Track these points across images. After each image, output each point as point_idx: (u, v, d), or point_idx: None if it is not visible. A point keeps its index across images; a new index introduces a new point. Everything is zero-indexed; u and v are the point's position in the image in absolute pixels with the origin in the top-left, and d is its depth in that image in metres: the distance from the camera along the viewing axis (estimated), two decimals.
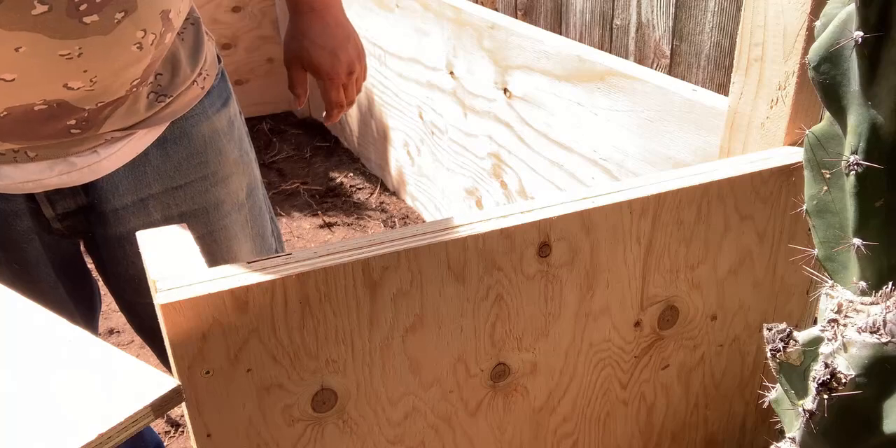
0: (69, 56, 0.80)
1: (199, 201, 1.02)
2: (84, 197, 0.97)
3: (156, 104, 0.93)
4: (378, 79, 2.53)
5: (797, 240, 0.93)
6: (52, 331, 0.68)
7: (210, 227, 1.04)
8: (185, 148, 0.99)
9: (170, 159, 0.99)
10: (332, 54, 1.10)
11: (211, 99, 1.03)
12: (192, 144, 1.00)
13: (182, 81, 0.96)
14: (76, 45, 0.80)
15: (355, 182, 2.81)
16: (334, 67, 1.11)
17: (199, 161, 1.01)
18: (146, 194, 0.98)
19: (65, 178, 0.93)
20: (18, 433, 0.58)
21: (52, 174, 0.91)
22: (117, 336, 2.08)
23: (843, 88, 0.61)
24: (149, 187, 0.98)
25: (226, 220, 1.06)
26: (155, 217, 1.00)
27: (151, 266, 0.70)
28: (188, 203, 1.01)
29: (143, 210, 0.99)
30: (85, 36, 0.79)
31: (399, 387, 0.79)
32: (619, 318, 0.87)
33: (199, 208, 1.02)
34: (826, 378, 0.61)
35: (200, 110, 1.01)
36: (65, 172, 0.92)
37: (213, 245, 1.05)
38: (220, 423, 0.73)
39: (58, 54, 0.79)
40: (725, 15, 1.37)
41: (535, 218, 0.77)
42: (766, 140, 0.95)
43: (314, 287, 0.70)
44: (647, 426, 0.98)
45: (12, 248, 0.98)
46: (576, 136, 1.56)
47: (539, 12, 1.90)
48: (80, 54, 0.81)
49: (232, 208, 1.07)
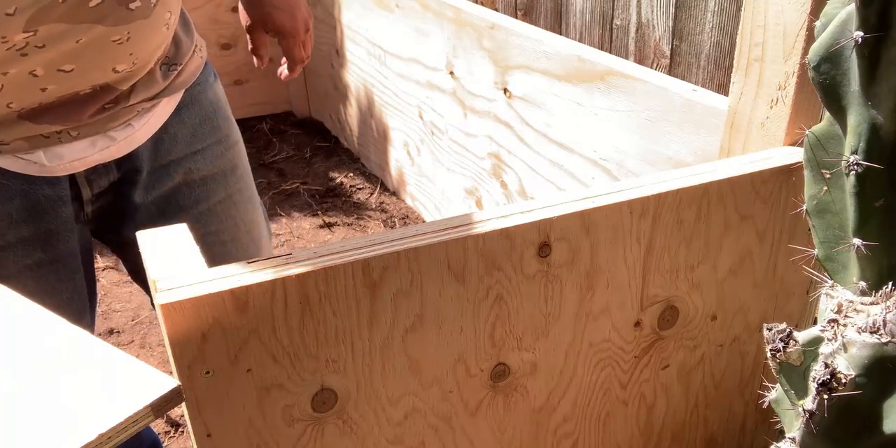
0: (119, 41, 0.87)
1: (217, 165, 1.08)
2: (116, 172, 1.01)
3: (169, 73, 0.99)
4: (378, 79, 2.53)
5: (797, 240, 0.93)
6: (52, 331, 0.68)
7: (228, 190, 1.10)
8: (197, 113, 1.06)
9: (186, 125, 1.04)
10: (290, 15, 1.17)
11: (207, 69, 1.10)
12: (203, 110, 1.07)
13: (185, 51, 1.02)
14: (125, 31, 0.86)
15: (355, 182, 2.81)
16: (294, 27, 1.18)
17: (212, 126, 1.08)
18: (167, 160, 1.03)
19: (105, 153, 0.97)
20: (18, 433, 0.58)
21: (95, 150, 0.95)
22: (117, 336, 2.08)
23: (843, 88, 0.61)
24: (169, 153, 1.03)
25: (240, 183, 1.12)
26: (177, 180, 1.05)
27: (151, 266, 0.70)
28: (208, 167, 1.07)
29: (165, 175, 1.04)
30: (131, 21, 0.86)
31: (399, 387, 0.79)
32: (619, 319, 0.87)
33: (218, 172, 1.09)
34: (826, 378, 0.61)
35: (203, 78, 1.07)
36: (105, 147, 0.96)
37: (233, 208, 1.11)
38: (220, 423, 0.73)
39: (111, 40, 0.86)
40: (725, 15, 1.37)
41: (535, 218, 0.77)
42: (766, 140, 0.95)
43: (314, 287, 0.70)
44: (647, 426, 0.98)
45: (55, 241, 0.99)
46: (576, 136, 1.56)
47: (539, 12, 1.90)
48: (128, 39, 0.87)
49: (244, 172, 1.14)
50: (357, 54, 2.65)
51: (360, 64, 2.64)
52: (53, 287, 0.99)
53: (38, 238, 0.97)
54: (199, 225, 1.06)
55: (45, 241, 0.97)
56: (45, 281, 0.98)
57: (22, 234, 0.95)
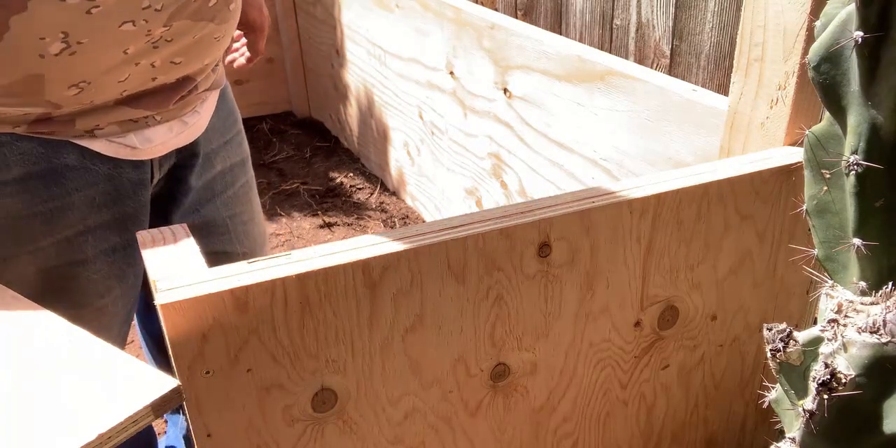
0: (218, 38, 0.95)
1: (240, 152, 1.17)
2: (174, 157, 1.05)
3: (217, 67, 1.05)
4: (378, 79, 2.53)
5: (797, 240, 0.93)
6: (52, 331, 0.68)
7: (247, 175, 1.19)
8: (225, 107, 1.13)
9: (219, 117, 1.11)
10: (259, 10, 1.24)
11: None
12: (227, 104, 1.14)
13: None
14: (224, 29, 0.95)
15: (355, 182, 2.81)
16: (262, 22, 1.25)
17: (234, 118, 1.16)
18: (209, 149, 1.09)
19: (181, 138, 1.01)
20: (18, 433, 0.58)
21: (173, 135, 1.00)
22: None
23: (843, 88, 0.61)
24: (210, 143, 1.09)
25: (251, 170, 1.23)
26: (217, 169, 1.11)
27: (152, 266, 0.70)
28: (234, 155, 1.15)
29: (209, 163, 1.10)
30: (229, 20, 0.95)
31: (399, 387, 0.79)
32: (619, 318, 0.87)
33: (240, 159, 1.17)
34: (826, 378, 0.61)
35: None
36: (181, 132, 1.01)
37: (251, 192, 1.20)
38: (220, 423, 0.73)
39: (213, 37, 0.93)
40: (725, 15, 1.37)
41: (535, 218, 0.77)
42: (766, 140, 0.95)
43: (314, 287, 0.70)
44: (647, 426, 0.98)
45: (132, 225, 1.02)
46: (576, 136, 1.56)
47: (539, 12, 1.90)
48: (224, 36, 0.96)
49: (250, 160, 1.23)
50: (357, 54, 2.65)
51: (360, 64, 2.64)
52: (124, 271, 1.02)
53: (116, 222, 0.99)
54: (226, 208, 1.14)
55: (122, 224, 1.00)
56: (117, 265, 1.01)
57: (103, 219, 0.97)
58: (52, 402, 0.60)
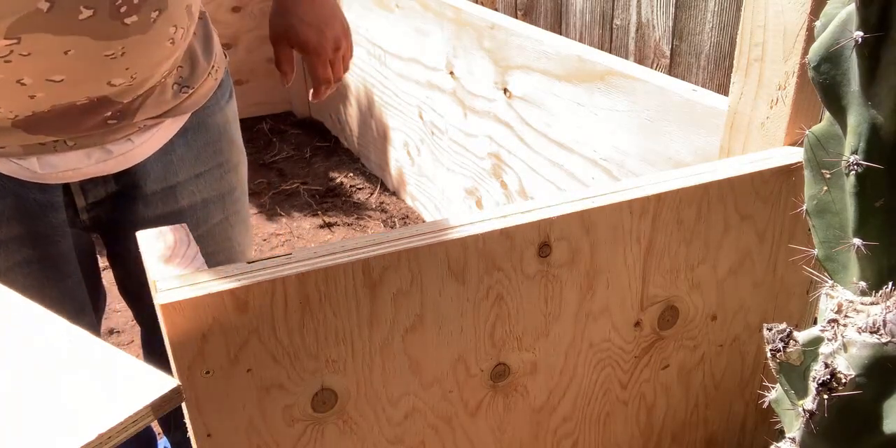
0: (113, 56, 0.84)
1: (216, 187, 1.08)
2: (114, 184, 1.01)
3: (180, 95, 0.98)
4: (378, 79, 2.53)
5: (797, 240, 0.93)
6: (51, 331, 0.68)
7: (226, 212, 1.10)
8: (203, 137, 1.05)
9: (191, 148, 1.04)
10: (318, 31, 1.11)
11: (222, 90, 1.08)
12: (209, 134, 1.05)
13: (200, 74, 1.01)
14: (119, 46, 0.84)
15: (355, 182, 2.81)
16: (321, 44, 1.12)
17: (215, 149, 1.07)
18: (174, 182, 1.03)
19: (101, 166, 0.96)
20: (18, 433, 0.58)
21: (90, 162, 0.95)
22: (117, 336, 2.08)
23: (843, 88, 0.61)
24: (175, 175, 1.03)
25: (237, 204, 1.12)
26: (182, 204, 1.04)
27: (151, 266, 0.70)
28: (209, 189, 1.07)
29: (171, 196, 1.03)
30: (127, 36, 0.84)
31: (399, 387, 0.79)
32: (619, 318, 0.87)
33: (218, 195, 1.08)
34: (826, 378, 0.61)
35: (214, 101, 1.06)
36: (102, 160, 0.95)
37: (229, 229, 1.11)
38: (220, 423, 0.73)
39: (103, 55, 0.83)
40: (725, 15, 1.37)
41: (535, 218, 0.77)
42: (766, 140, 0.95)
43: (314, 287, 0.70)
44: (647, 426, 0.98)
45: (45, 243, 0.99)
46: (576, 137, 1.56)
47: (539, 12, 1.90)
48: (122, 53, 0.85)
49: (241, 193, 1.14)
50: (357, 54, 2.65)
51: (361, 64, 2.64)
52: (42, 284, 1.00)
53: (29, 237, 0.97)
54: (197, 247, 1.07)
55: (35, 240, 0.98)
56: (33, 278, 0.99)
57: (13, 232, 0.96)
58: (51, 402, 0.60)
